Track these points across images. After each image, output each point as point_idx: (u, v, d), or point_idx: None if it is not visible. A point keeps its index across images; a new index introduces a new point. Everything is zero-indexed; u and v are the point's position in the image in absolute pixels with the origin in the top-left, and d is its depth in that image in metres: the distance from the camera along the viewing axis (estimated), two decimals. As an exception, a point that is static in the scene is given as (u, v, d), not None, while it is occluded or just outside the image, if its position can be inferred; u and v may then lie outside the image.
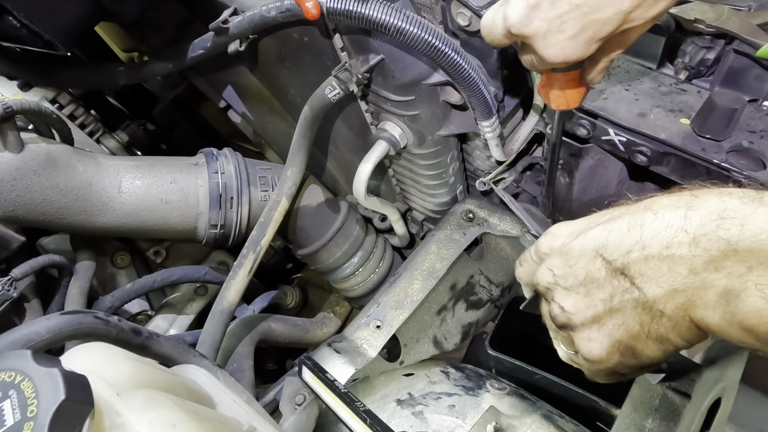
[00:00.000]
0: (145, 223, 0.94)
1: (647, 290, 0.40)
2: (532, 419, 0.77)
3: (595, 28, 0.52)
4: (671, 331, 0.40)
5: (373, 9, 0.72)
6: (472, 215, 1.05)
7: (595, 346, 0.45)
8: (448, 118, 0.93)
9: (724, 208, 0.37)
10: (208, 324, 0.93)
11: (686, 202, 0.39)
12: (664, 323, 0.40)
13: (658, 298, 0.40)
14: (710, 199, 0.38)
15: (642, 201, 0.43)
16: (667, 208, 0.40)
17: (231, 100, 1.16)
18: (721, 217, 0.37)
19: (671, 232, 0.39)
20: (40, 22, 0.75)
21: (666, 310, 0.40)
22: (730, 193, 0.38)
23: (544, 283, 0.48)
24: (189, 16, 1.02)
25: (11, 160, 0.82)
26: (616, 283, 0.42)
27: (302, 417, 0.78)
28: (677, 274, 0.38)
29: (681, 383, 0.76)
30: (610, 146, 0.76)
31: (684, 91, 0.75)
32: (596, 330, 0.44)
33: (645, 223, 0.41)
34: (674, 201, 0.40)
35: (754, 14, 0.73)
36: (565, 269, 0.46)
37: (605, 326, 0.44)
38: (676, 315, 0.39)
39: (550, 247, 0.49)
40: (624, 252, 0.41)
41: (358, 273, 1.21)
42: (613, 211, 0.45)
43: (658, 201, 0.41)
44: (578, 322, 0.45)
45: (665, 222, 0.39)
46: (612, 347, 0.44)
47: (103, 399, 0.41)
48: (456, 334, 1.03)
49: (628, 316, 0.42)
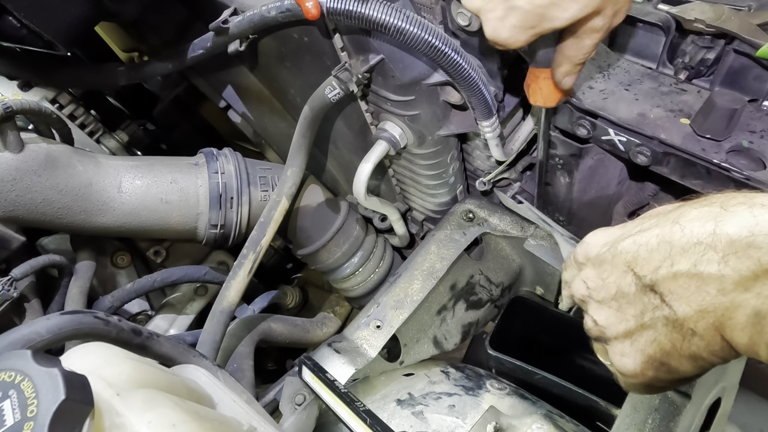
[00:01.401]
0: (145, 223, 0.94)
1: (677, 308, 0.39)
2: (532, 419, 0.76)
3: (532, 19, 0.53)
4: (704, 350, 0.40)
5: (373, 9, 0.72)
6: (472, 215, 1.05)
7: (629, 361, 0.44)
8: (448, 118, 0.93)
9: (756, 223, 0.36)
10: (208, 324, 0.93)
11: (714, 216, 0.38)
12: (696, 342, 0.40)
13: (688, 317, 0.39)
14: (741, 213, 0.37)
15: (672, 212, 0.42)
16: (695, 223, 0.39)
17: (231, 100, 1.16)
18: (752, 233, 0.35)
19: (700, 249, 0.38)
20: (40, 22, 0.75)
21: (697, 330, 0.39)
22: (762, 205, 0.36)
23: (579, 295, 0.48)
24: (189, 16, 1.02)
25: (11, 160, 0.82)
26: (647, 299, 0.41)
27: (302, 417, 0.78)
28: (706, 293, 0.38)
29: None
30: (610, 146, 0.76)
31: (684, 91, 0.75)
32: (629, 345, 0.44)
33: (673, 239, 0.40)
34: (703, 214, 0.39)
35: (754, 14, 0.73)
36: (598, 281, 0.45)
37: (637, 342, 0.43)
38: (707, 334, 0.39)
39: (585, 257, 0.49)
40: (653, 268, 0.41)
41: (358, 273, 1.21)
42: (644, 221, 0.44)
43: (686, 214, 0.40)
44: (611, 336, 0.45)
45: (693, 238, 0.38)
46: (645, 363, 0.43)
47: (103, 399, 0.41)
48: (456, 334, 1.03)
49: (660, 333, 0.41)
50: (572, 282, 0.49)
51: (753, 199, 0.37)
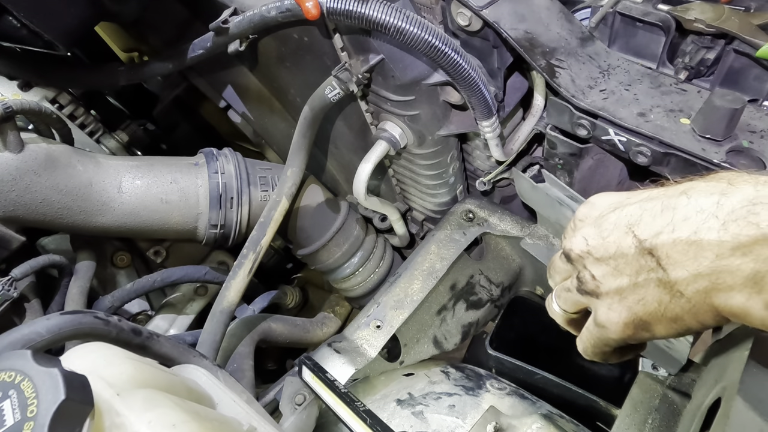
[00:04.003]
0: (145, 223, 0.94)
1: (671, 272, 0.41)
2: (532, 419, 0.76)
3: None
4: (687, 312, 0.41)
5: (373, 9, 0.72)
6: (472, 215, 1.05)
7: (614, 315, 0.46)
8: (448, 118, 0.93)
9: (757, 194, 0.38)
10: (208, 324, 0.93)
11: (721, 189, 0.40)
12: (682, 304, 0.41)
13: (681, 280, 0.41)
14: (745, 188, 0.39)
15: (681, 184, 0.44)
16: (702, 194, 0.41)
17: (231, 100, 1.16)
18: (753, 202, 0.37)
19: (702, 217, 0.39)
20: (40, 22, 0.75)
21: (686, 292, 0.41)
22: (766, 182, 0.38)
23: (578, 250, 0.49)
24: (189, 16, 1.02)
25: (11, 160, 0.82)
26: (643, 261, 0.43)
27: (302, 417, 0.78)
28: (703, 258, 0.39)
29: (681, 383, 0.76)
30: (610, 146, 0.76)
31: (684, 91, 0.75)
32: (618, 301, 0.46)
33: (678, 206, 0.41)
34: (711, 187, 0.41)
35: (754, 14, 0.73)
36: (599, 240, 0.47)
37: (626, 299, 0.45)
38: (695, 298, 0.40)
39: (587, 215, 0.50)
40: (654, 233, 0.42)
41: (358, 273, 1.21)
42: (652, 190, 0.46)
43: (695, 186, 0.42)
44: (604, 291, 0.47)
45: (698, 207, 0.40)
46: (628, 319, 0.46)
47: (103, 399, 0.41)
48: (456, 334, 1.02)
49: (649, 293, 0.43)
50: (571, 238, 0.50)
51: (758, 177, 0.39)
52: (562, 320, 0.57)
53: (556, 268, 0.55)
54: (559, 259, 0.54)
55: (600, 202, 0.50)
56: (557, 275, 0.55)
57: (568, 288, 0.52)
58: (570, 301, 0.53)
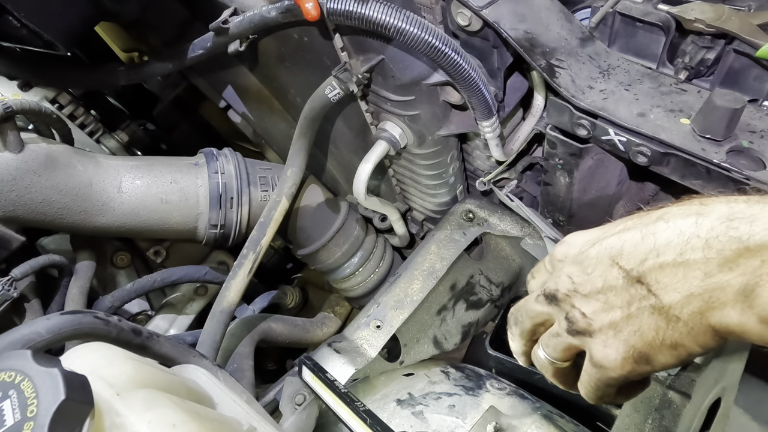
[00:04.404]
0: (145, 223, 0.94)
1: (664, 297, 0.41)
2: (532, 419, 0.76)
3: None
4: (686, 336, 0.41)
5: (373, 9, 0.72)
6: (472, 215, 1.05)
7: (611, 351, 0.45)
8: (448, 118, 0.93)
9: (732, 211, 0.38)
10: (208, 324, 0.93)
11: (696, 210, 0.40)
12: (680, 328, 0.41)
13: (674, 304, 0.40)
14: (718, 206, 0.39)
15: (654, 211, 0.44)
16: (678, 217, 0.41)
17: (231, 100, 1.16)
18: (730, 218, 0.38)
19: (684, 238, 0.40)
20: (40, 22, 0.75)
21: (682, 316, 0.40)
22: (736, 199, 0.39)
23: (564, 289, 0.48)
24: (189, 16, 1.02)
25: (11, 160, 0.82)
26: (634, 291, 0.42)
27: (302, 417, 0.78)
28: (693, 278, 0.39)
29: (681, 383, 0.76)
30: (610, 146, 0.76)
31: (684, 91, 0.75)
32: (612, 336, 0.45)
33: (658, 232, 0.42)
34: (684, 210, 0.41)
35: (754, 14, 0.73)
36: (583, 276, 0.46)
37: (621, 332, 0.44)
38: (692, 320, 0.40)
39: (565, 255, 0.50)
40: (639, 261, 0.42)
41: (358, 273, 1.21)
42: (627, 221, 0.46)
43: (669, 211, 0.42)
44: (596, 328, 0.46)
45: (677, 230, 0.40)
46: (626, 353, 0.44)
47: (103, 399, 0.41)
48: (456, 334, 1.03)
49: (644, 322, 0.42)
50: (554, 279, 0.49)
51: (728, 197, 0.40)
52: (550, 372, 0.53)
53: (530, 313, 0.52)
54: (535, 302, 0.51)
55: (576, 241, 0.49)
56: (528, 321, 0.52)
57: (556, 333, 0.49)
58: (560, 347, 0.50)
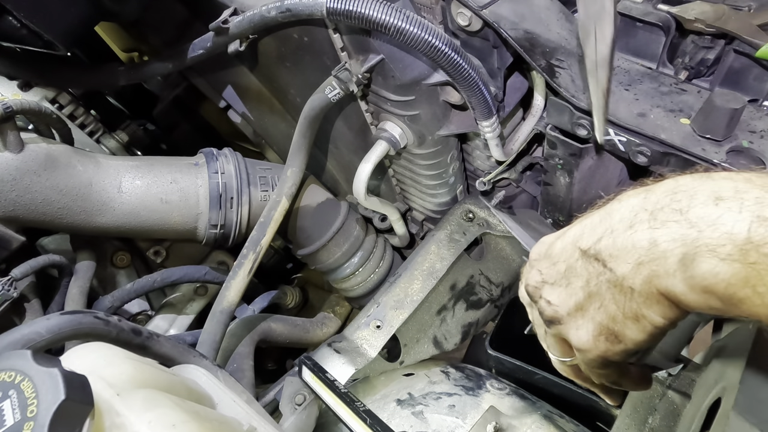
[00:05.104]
0: (145, 223, 0.94)
1: (617, 269, 0.42)
2: (532, 419, 0.77)
3: None
4: (643, 305, 0.42)
5: (373, 9, 0.72)
6: (472, 215, 1.05)
7: (583, 333, 0.46)
8: (448, 118, 0.93)
9: (678, 184, 0.40)
10: (208, 324, 0.93)
11: (647, 188, 0.43)
12: (636, 298, 0.42)
13: (627, 274, 0.42)
14: (667, 182, 0.42)
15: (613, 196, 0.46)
16: (631, 196, 0.43)
17: (231, 100, 1.16)
18: (674, 191, 0.40)
19: (634, 213, 0.42)
20: (40, 22, 0.75)
21: (635, 286, 0.41)
22: (683, 175, 0.41)
23: (533, 283, 0.50)
24: (189, 16, 1.02)
25: (11, 160, 0.82)
26: (591, 268, 0.44)
27: (302, 417, 0.78)
28: (640, 248, 0.41)
29: (681, 383, 0.76)
30: (610, 146, 0.76)
31: (684, 91, 0.75)
32: (581, 317, 0.46)
33: (612, 211, 0.44)
34: (637, 189, 0.44)
35: (754, 14, 0.73)
36: (550, 267, 0.48)
37: (587, 312, 0.46)
38: (644, 288, 0.41)
39: (538, 253, 0.51)
40: (596, 239, 0.44)
41: (358, 273, 1.21)
42: (591, 210, 0.48)
43: (624, 192, 0.45)
44: (564, 313, 0.47)
45: (629, 206, 0.43)
46: (596, 331, 0.46)
47: (103, 399, 0.41)
48: (456, 334, 1.03)
49: (605, 297, 0.44)
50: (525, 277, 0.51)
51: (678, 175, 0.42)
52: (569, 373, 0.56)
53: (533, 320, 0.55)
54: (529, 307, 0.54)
55: (548, 239, 0.51)
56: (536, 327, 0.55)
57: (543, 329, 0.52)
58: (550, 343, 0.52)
